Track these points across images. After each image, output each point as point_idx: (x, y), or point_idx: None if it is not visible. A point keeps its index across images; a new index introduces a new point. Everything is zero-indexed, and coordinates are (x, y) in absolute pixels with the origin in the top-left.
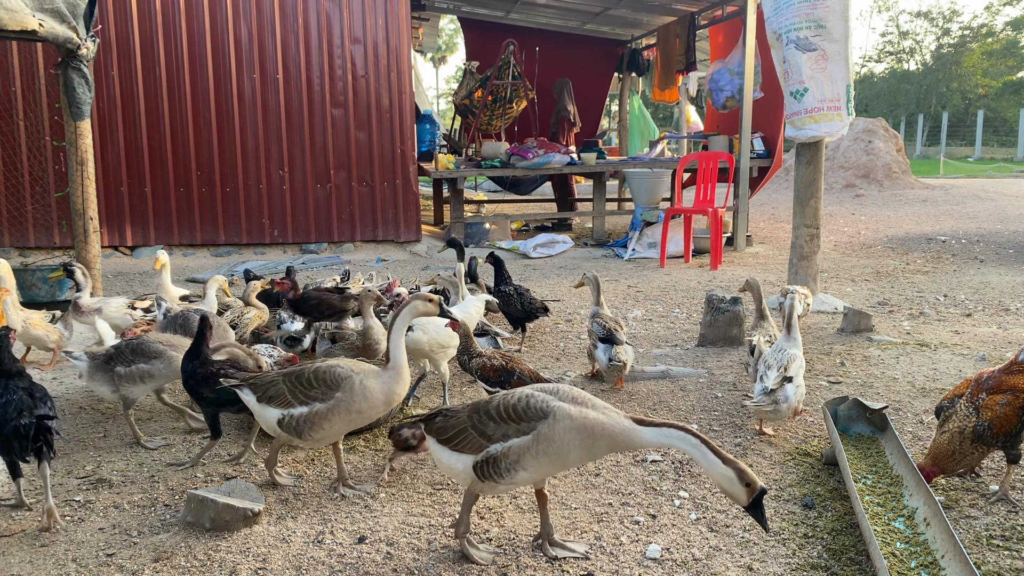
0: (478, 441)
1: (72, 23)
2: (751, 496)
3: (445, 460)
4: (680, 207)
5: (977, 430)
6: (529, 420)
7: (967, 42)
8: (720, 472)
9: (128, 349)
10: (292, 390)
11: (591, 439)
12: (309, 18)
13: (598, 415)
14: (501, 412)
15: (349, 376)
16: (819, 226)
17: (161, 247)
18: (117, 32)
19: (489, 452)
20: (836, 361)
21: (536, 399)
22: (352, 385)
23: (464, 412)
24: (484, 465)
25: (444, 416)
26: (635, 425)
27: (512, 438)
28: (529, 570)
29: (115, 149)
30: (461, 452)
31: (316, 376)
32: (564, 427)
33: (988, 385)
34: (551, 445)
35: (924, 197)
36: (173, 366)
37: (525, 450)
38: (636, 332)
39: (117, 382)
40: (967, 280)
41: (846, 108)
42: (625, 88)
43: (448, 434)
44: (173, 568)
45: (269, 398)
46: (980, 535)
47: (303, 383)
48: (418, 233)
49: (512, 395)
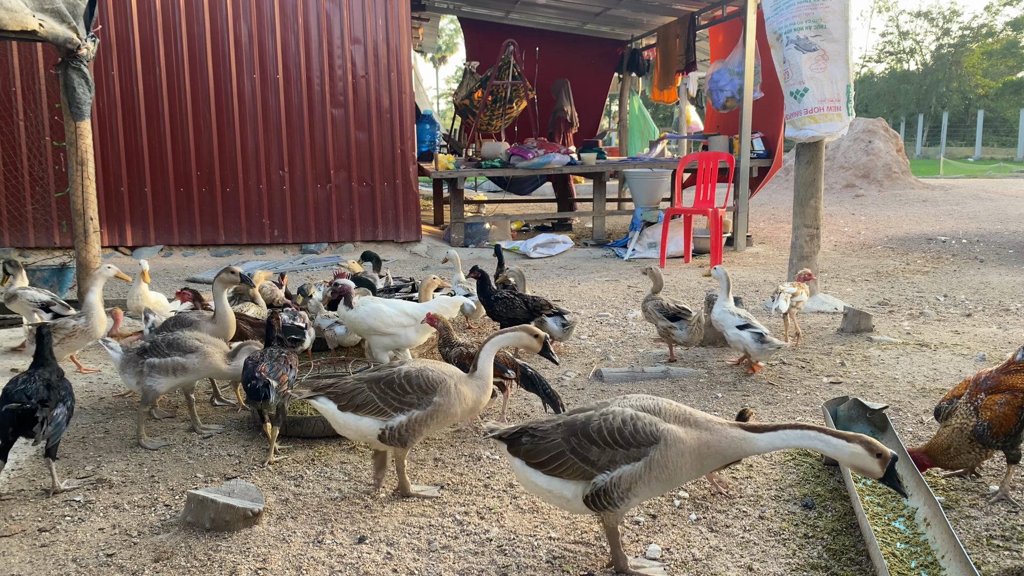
0: (580, 467)
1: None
2: (884, 466)
3: (543, 485)
4: (680, 207)
5: (977, 430)
6: (638, 445)
7: (967, 42)
8: (849, 451)
9: (164, 343)
10: (383, 397)
11: (701, 459)
12: (309, 18)
13: (706, 435)
14: (605, 436)
15: (443, 380)
16: (819, 226)
17: (161, 247)
18: (117, 32)
19: (597, 484)
20: (836, 361)
21: (643, 422)
22: (448, 389)
23: (557, 434)
24: (596, 498)
25: (532, 436)
26: (747, 434)
27: (621, 465)
28: (529, 570)
29: (115, 149)
30: (561, 478)
31: (408, 381)
32: (677, 452)
33: (987, 385)
34: (664, 471)
35: (924, 197)
36: (207, 362)
37: (637, 478)
38: (636, 332)
39: (147, 373)
40: (967, 280)
41: (846, 108)
42: (625, 88)
43: (541, 458)
44: (173, 568)
45: (356, 407)
46: (980, 535)
47: (395, 389)
48: (418, 233)
49: (614, 417)
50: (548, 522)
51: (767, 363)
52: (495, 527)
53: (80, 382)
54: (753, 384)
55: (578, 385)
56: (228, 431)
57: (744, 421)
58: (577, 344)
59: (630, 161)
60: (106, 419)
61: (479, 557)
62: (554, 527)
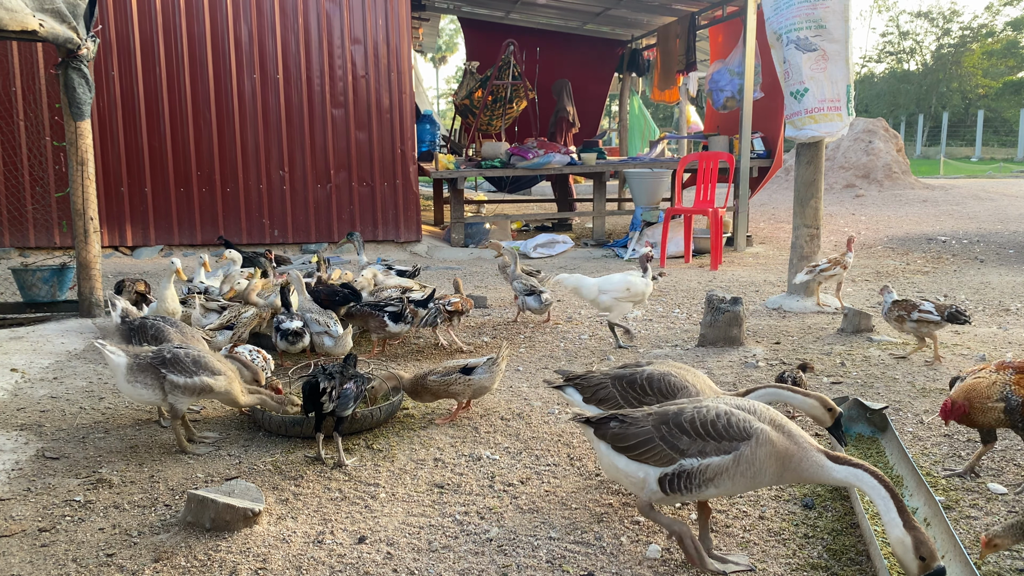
0: (668, 454)
1: (72, 23)
2: (923, 572)
3: (622, 467)
4: (680, 207)
5: (1011, 403)
6: (731, 439)
7: (967, 42)
8: (896, 535)
9: (190, 359)
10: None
11: (784, 468)
12: (309, 18)
13: (795, 446)
14: (698, 427)
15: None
16: (819, 226)
17: (161, 247)
18: (117, 32)
19: (683, 466)
20: (836, 361)
21: (737, 417)
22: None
23: (648, 421)
24: (675, 479)
25: (621, 422)
26: (826, 460)
27: (711, 456)
28: (529, 570)
29: (115, 149)
30: (644, 463)
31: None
32: (766, 452)
33: (1014, 366)
34: (750, 468)
35: (924, 197)
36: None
37: (723, 470)
38: (636, 332)
39: (169, 390)
40: (967, 280)
41: (846, 108)
42: (625, 88)
43: (629, 442)
44: (173, 568)
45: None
46: (980, 535)
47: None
48: (418, 233)
49: (708, 410)
50: (548, 522)
51: (766, 363)
52: (495, 527)
53: (80, 382)
54: (753, 384)
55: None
56: (228, 431)
57: (805, 372)
58: (577, 344)
59: (630, 161)
60: (105, 419)
61: (479, 557)
62: (554, 527)
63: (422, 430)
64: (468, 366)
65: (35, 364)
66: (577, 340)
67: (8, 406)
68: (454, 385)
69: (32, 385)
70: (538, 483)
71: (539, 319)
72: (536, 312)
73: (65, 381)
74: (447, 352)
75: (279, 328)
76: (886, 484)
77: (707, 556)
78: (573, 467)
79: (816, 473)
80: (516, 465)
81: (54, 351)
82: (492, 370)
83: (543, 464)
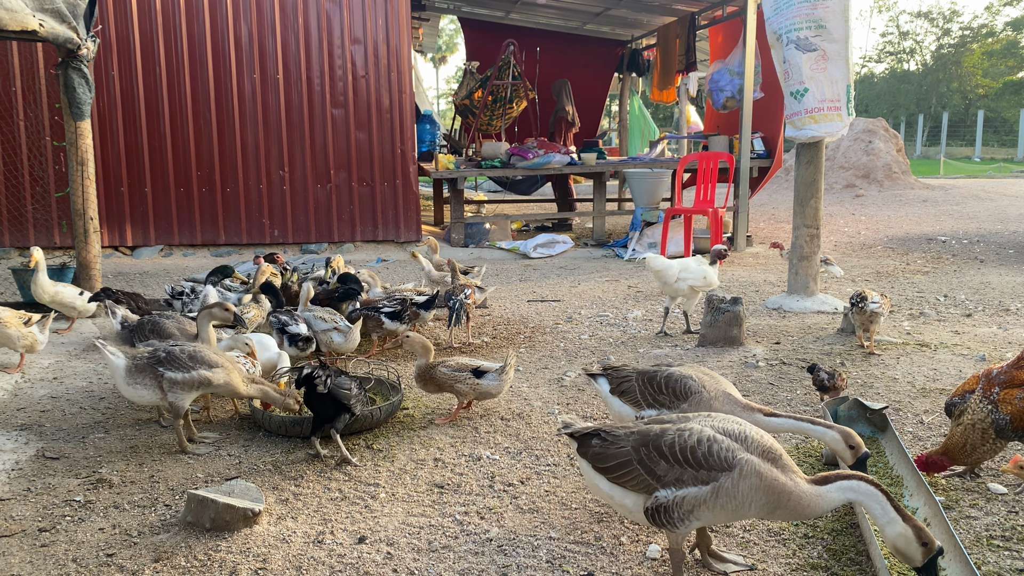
0: (645, 480)
1: (72, 23)
2: (926, 557)
3: (604, 490)
4: (680, 207)
5: (998, 424)
6: (709, 469)
7: (967, 42)
8: (897, 530)
9: (185, 355)
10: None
11: (773, 505)
12: (309, 18)
13: (786, 480)
14: (676, 453)
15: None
16: (819, 226)
17: (161, 247)
18: (117, 32)
19: (658, 499)
20: (836, 361)
21: (720, 446)
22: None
23: (628, 441)
24: (655, 513)
25: (602, 440)
26: (818, 490)
27: (687, 485)
28: (529, 570)
29: (115, 149)
30: (624, 488)
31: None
32: (749, 485)
33: (1000, 380)
34: (731, 501)
35: (924, 197)
36: (232, 377)
37: (701, 502)
38: (636, 332)
39: (168, 388)
40: (967, 280)
41: (846, 108)
42: (625, 88)
43: (608, 463)
44: (173, 568)
45: None
46: (980, 535)
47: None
48: (418, 233)
49: (691, 434)
50: (548, 522)
51: (766, 363)
52: (495, 527)
53: (79, 382)
54: (753, 384)
55: (578, 385)
56: (228, 432)
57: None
58: (577, 344)
59: (630, 161)
60: (105, 419)
61: (479, 557)
62: (554, 527)
63: (422, 430)
64: (480, 369)
65: (35, 364)
66: (577, 340)
67: (8, 406)
68: (460, 383)
69: (32, 385)
70: (538, 483)
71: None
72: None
73: (65, 381)
74: (455, 349)
75: (285, 331)
76: (876, 484)
77: (708, 557)
78: (573, 467)
79: (812, 509)
80: (516, 465)
81: (54, 351)
82: (501, 379)
83: (543, 464)
